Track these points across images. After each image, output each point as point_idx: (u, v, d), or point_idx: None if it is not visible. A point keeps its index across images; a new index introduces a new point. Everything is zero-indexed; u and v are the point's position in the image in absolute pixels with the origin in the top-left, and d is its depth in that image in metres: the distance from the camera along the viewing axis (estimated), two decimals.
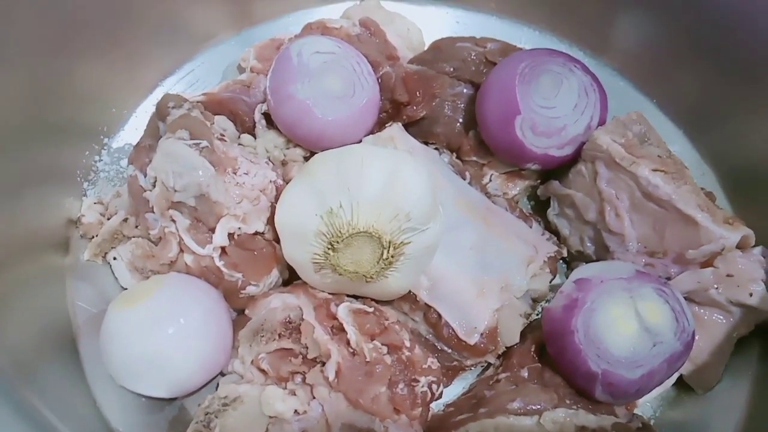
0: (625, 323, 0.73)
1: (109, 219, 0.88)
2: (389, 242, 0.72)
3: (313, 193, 0.73)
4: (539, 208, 0.99)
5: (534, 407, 0.72)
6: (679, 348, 0.73)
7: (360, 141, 0.92)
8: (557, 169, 0.94)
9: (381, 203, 0.71)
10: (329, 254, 0.73)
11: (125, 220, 0.86)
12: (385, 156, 0.74)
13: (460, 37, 1.04)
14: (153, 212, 0.81)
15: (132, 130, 0.99)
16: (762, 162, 0.95)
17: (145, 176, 0.81)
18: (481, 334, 0.81)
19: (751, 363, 0.85)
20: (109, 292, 0.86)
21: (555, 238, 0.92)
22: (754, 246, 0.82)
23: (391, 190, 0.71)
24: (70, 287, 0.86)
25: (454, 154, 0.98)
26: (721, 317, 0.81)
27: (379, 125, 0.97)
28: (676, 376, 0.81)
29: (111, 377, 0.77)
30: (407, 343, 0.76)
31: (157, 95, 1.01)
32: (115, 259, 0.87)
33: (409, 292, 0.83)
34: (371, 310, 0.79)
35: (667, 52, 1.02)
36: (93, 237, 0.88)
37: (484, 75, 0.96)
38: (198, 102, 0.89)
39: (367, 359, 0.73)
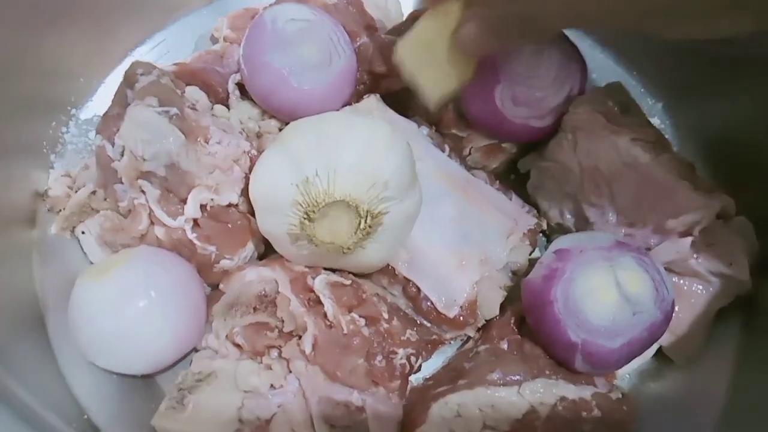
0: (604, 292, 0.72)
1: (77, 192, 0.85)
2: (366, 211, 0.70)
3: (288, 161, 0.71)
4: (519, 181, 0.97)
5: (513, 378, 0.71)
6: (660, 317, 0.72)
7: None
8: (537, 142, 0.93)
9: (358, 171, 0.69)
10: (305, 224, 0.71)
11: (93, 192, 0.83)
12: (363, 124, 0.72)
13: None
14: (122, 183, 0.78)
15: (101, 101, 0.95)
16: (740, 135, 0.95)
17: (113, 146, 0.78)
18: (461, 307, 0.80)
19: (733, 336, 0.85)
20: (78, 267, 0.83)
21: (535, 211, 0.90)
22: (734, 216, 0.81)
23: (369, 158, 0.69)
24: (37, 262, 0.83)
25: (434, 126, 0.96)
26: (701, 287, 0.81)
27: (357, 97, 0.94)
28: (655, 347, 0.80)
29: (81, 354, 0.75)
30: (385, 315, 0.75)
31: (126, 65, 0.96)
32: (83, 233, 0.84)
33: (388, 265, 0.81)
34: (349, 282, 0.77)
35: None
36: (60, 210, 0.85)
37: None
38: (170, 72, 0.86)
39: (345, 331, 0.72)
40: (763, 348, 0.83)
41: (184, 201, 0.77)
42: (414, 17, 1.02)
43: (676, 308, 0.77)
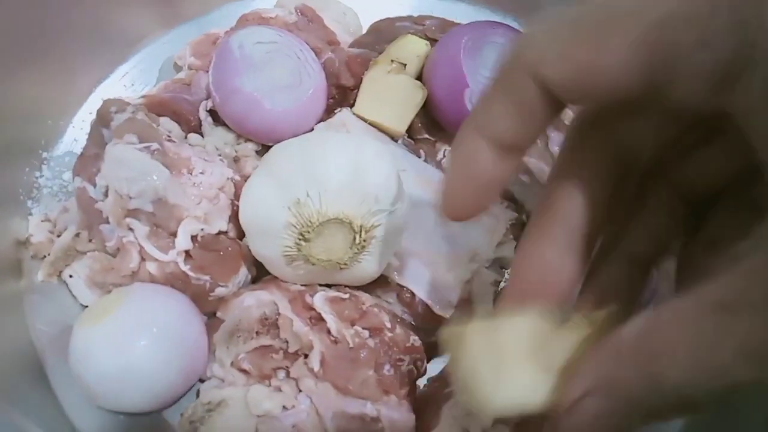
0: None
1: (59, 236, 0.84)
2: (360, 226, 0.72)
3: (277, 185, 0.72)
4: None
5: None
6: None
7: (312, 129, 0.92)
8: None
9: (348, 189, 0.71)
10: (301, 245, 0.72)
11: (77, 235, 0.83)
12: (346, 141, 0.73)
13: (398, 17, 1.04)
14: (108, 223, 0.78)
15: (71, 141, 0.94)
16: None
17: (95, 186, 0.78)
18: (456, 307, 0.83)
19: None
20: (70, 311, 0.82)
21: (513, 205, 0.93)
22: None
23: (356, 174, 0.71)
24: (29, 311, 0.82)
25: (406, 133, 0.98)
26: None
27: (328, 112, 0.96)
28: None
29: (85, 398, 0.74)
30: (388, 325, 0.76)
31: (92, 102, 0.97)
32: (71, 276, 0.83)
33: (380, 274, 0.83)
34: (346, 296, 0.79)
35: None
36: (45, 256, 0.84)
37: None
38: (140, 105, 0.86)
39: (351, 345, 0.73)
40: None
41: (173, 234, 0.77)
42: (375, 29, 1.05)
43: None
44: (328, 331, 0.74)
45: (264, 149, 0.91)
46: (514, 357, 0.46)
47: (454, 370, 0.49)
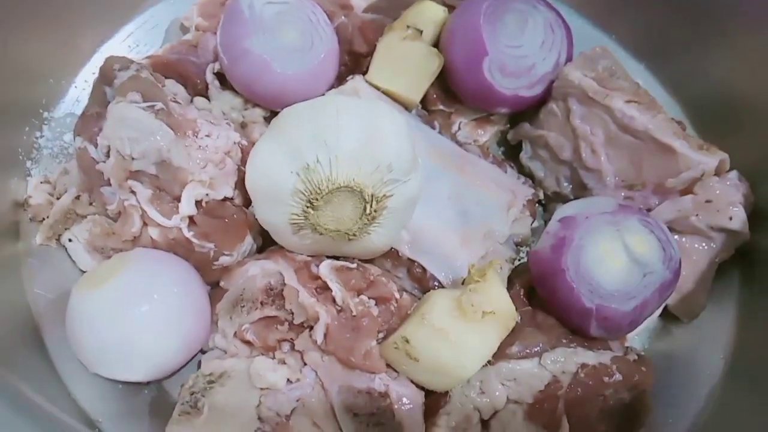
0: (614, 257, 0.72)
1: (58, 198, 0.81)
2: (372, 196, 0.68)
3: (286, 149, 0.68)
4: (511, 152, 0.97)
5: (533, 349, 0.70)
6: (669, 276, 0.73)
7: (322, 95, 0.88)
8: (526, 112, 0.92)
9: (361, 155, 0.67)
10: (308, 213, 0.69)
11: (77, 197, 0.80)
12: (361, 106, 0.70)
13: None
14: (109, 185, 0.75)
15: (73, 101, 0.91)
16: (724, 91, 0.95)
17: (96, 147, 0.74)
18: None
19: (734, 288, 0.87)
20: (68, 275, 0.80)
21: (530, 182, 0.90)
22: (729, 171, 0.82)
23: (370, 141, 0.67)
24: (26, 274, 0.79)
25: (420, 104, 0.94)
26: (703, 244, 0.82)
27: (339, 79, 0.92)
28: (662, 306, 0.81)
29: (82, 365, 0.72)
30: (397, 295, 0.73)
31: (95, 62, 0.93)
32: (70, 240, 0.80)
33: (391, 248, 0.80)
34: (354, 266, 0.76)
35: None
36: (44, 219, 0.81)
37: None
38: (145, 64, 0.82)
39: (353, 313, 0.70)
40: (762, 298, 0.85)
41: (177, 199, 0.74)
42: None
43: None
44: (333, 300, 0.71)
45: (272, 115, 0.88)
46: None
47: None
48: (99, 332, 0.68)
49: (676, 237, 0.82)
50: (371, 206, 0.69)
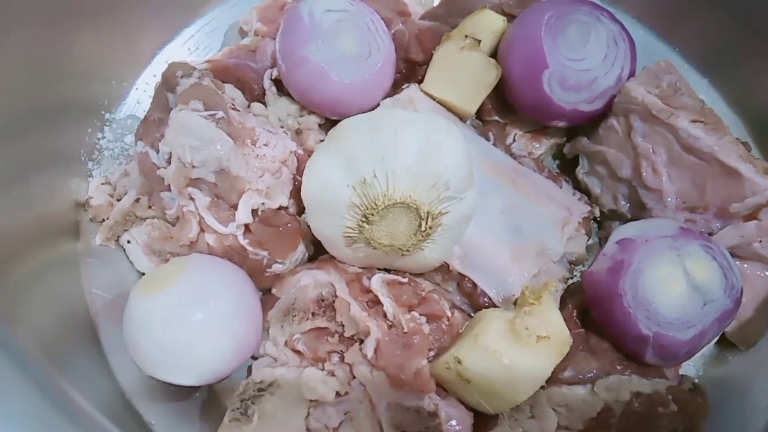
0: (674, 283, 0.70)
1: (118, 200, 0.83)
2: (427, 213, 0.68)
3: (343, 162, 0.68)
4: (566, 166, 0.95)
5: (587, 375, 0.69)
6: (730, 305, 0.71)
7: (378, 104, 0.88)
8: (583, 126, 0.90)
9: (418, 172, 0.67)
10: (363, 227, 0.69)
11: (137, 200, 0.81)
12: (419, 121, 0.69)
13: None
14: (169, 191, 0.76)
15: (133, 103, 0.93)
16: None
17: (158, 152, 0.76)
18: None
19: None
20: (126, 276, 0.82)
21: (586, 198, 0.88)
22: None
23: (428, 157, 0.67)
24: (85, 274, 0.82)
25: (474, 114, 0.93)
26: (766, 271, 0.79)
27: (395, 87, 0.92)
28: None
29: (137, 367, 0.73)
30: (448, 313, 0.73)
31: (156, 65, 0.95)
32: (129, 242, 0.82)
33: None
34: (406, 280, 0.76)
35: None
36: (104, 220, 0.83)
37: None
38: (205, 70, 0.83)
39: (405, 330, 0.70)
40: None
41: (234, 207, 0.74)
42: (448, 1, 0.99)
43: None
44: (384, 315, 0.71)
45: (327, 123, 0.88)
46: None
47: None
48: (155, 335, 0.70)
49: (737, 263, 0.79)
50: (426, 223, 0.68)
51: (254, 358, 0.77)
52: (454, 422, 0.68)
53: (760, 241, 0.78)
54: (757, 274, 0.80)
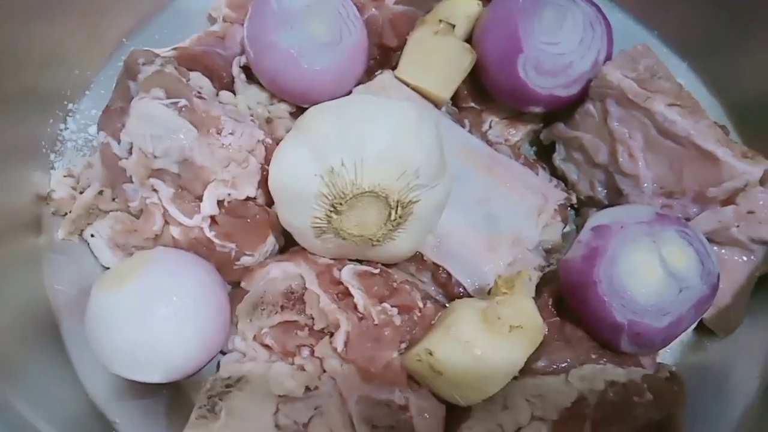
0: (649, 270, 0.69)
1: (81, 193, 0.81)
2: (397, 202, 0.66)
3: (311, 151, 0.66)
4: (543, 153, 0.94)
5: (560, 365, 0.68)
6: (707, 292, 0.69)
7: (350, 91, 0.85)
8: (560, 111, 0.88)
9: (388, 159, 0.65)
10: (332, 217, 0.67)
11: (100, 192, 0.79)
12: (388, 108, 0.67)
13: None
14: (131, 182, 0.74)
15: (98, 93, 0.90)
16: None
17: (119, 143, 0.74)
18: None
19: None
20: (90, 271, 0.79)
21: (563, 185, 0.87)
22: None
23: (397, 145, 0.65)
24: (47, 269, 0.79)
25: (450, 101, 0.91)
26: (743, 256, 0.78)
27: (368, 73, 0.89)
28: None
29: (100, 364, 0.71)
30: (420, 304, 0.71)
31: (122, 53, 0.91)
32: (92, 236, 0.80)
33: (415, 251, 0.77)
34: (377, 271, 0.74)
35: None
36: (66, 213, 0.81)
37: None
38: (170, 57, 0.81)
39: (375, 322, 0.68)
40: None
41: (199, 198, 0.73)
42: None
43: None
44: (355, 307, 0.70)
45: (298, 111, 0.85)
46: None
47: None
48: (119, 332, 0.67)
49: (714, 248, 0.78)
50: (396, 212, 0.67)
51: (223, 353, 0.75)
52: (426, 415, 0.66)
53: (738, 226, 0.76)
54: (734, 259, 0.78)
